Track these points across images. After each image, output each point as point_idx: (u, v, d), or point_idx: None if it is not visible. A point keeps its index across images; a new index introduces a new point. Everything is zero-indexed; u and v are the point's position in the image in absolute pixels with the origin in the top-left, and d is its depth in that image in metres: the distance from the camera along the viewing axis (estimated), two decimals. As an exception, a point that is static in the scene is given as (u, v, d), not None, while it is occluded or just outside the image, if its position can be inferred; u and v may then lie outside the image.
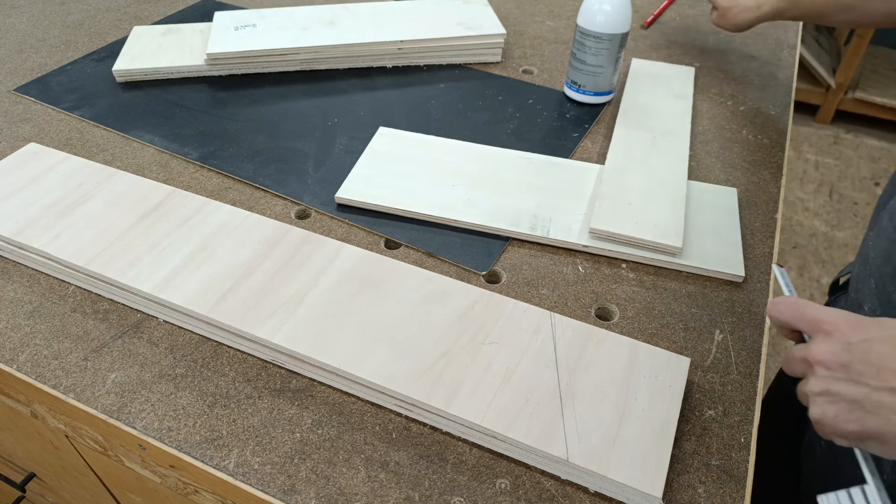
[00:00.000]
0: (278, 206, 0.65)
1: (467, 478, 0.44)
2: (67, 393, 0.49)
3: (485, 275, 0.58)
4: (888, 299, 0.46)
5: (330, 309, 0.52)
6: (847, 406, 0.36)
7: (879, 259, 0.48)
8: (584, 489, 0.44)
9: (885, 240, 0.48)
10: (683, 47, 0.94)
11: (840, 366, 0.37)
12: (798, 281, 1.82)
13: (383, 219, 0.64)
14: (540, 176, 0.67)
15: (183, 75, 0.85)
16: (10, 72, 0.85)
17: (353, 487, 0.43)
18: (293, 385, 0.50)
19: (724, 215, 0.64)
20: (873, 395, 0.36)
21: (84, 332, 0.53)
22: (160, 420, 0.47)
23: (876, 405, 0.35)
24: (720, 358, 0.52)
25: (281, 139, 0.74)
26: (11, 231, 0.58)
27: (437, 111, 0.80)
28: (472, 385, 0.46)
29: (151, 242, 0.57)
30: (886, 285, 0.46)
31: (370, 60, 0.87)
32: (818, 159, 2.25)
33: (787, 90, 0.85)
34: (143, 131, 0.75)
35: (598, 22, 0.73)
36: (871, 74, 2.37)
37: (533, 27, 0.99)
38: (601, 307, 0.56)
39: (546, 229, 0.61)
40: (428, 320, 0.51)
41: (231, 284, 0.53)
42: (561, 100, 0.82)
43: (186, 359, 0.51)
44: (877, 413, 0.35)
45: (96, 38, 0.93)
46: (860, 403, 0.36)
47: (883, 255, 0.48)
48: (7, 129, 0.75)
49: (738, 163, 0.72)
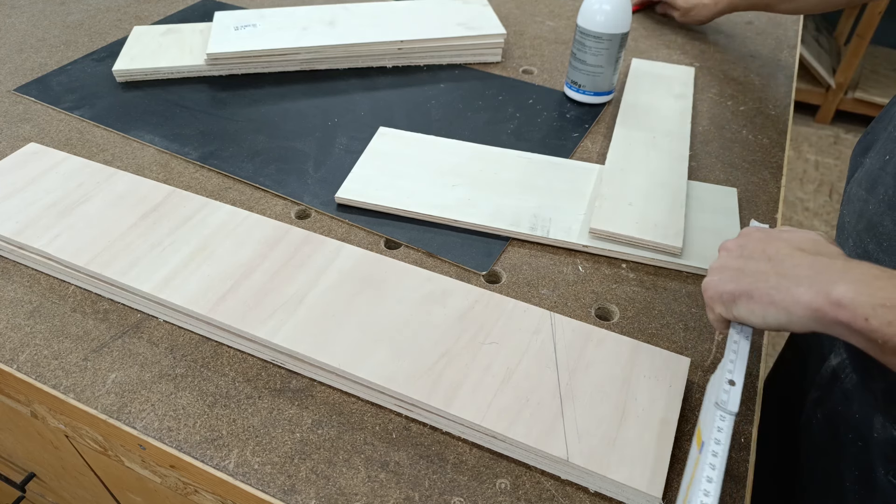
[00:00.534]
0: (278, 206, 0.65)
1: (467, 478, 0.44)
2: (67, 393, 0.49)
3: (485, 275, 0.58)
4: (865, 250, 0.49)
5: (330, 309, 0.52)
6: (731, 273, 0.43)
7: (853, 219, 0.52)
8: (584, 489, 0.44)
9: (858, 202, 0.52)
10: (683, 47, 0.94)
11: (738, 247, 0.44)
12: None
13: (383, 219, 0.64)
14: (540, 176, 0.67)
15: (183, 75, 0.85)
16: (10, 72, 0.85)
17: (353, 487, 0.43)
18: (293, 385, 0.50)
19: (724, 215, 0.64)
20: (751, 264, 0.42)
21: (84, 332, 0.53)
22: (160, 420, 0.47)
23: (753, 270, 0.41)
24: (720, 358, 0.52)
25: (281, 139, 0.74)
26: (11, 231, 0.58)
27: (437, 111, 0.80)
28: (473, 385, 0.46)
29: (151, 242, 0.57)
30: (863, 239, 0.50)
31: (370, 60, 0.87)
32: (818, 159, 2.25)
33: (787, 90, 0.85)
34: (143, 131, 0.75)
35: (598, 22, 0.73)
36: (871, 74, 2.37)
37: (533, 27, 0.99)
38: (601, 307, 0.56)
39: (546, 229, 0.61)
40: (428, 320, 0.51)
41: (231, 284, 0.53)
42: (561, 100, 0.82)
43: (186, 359, 0.51)
44: (752, 275, 0.41)
45: (96, 38, 0.93)
46: (742, 270, 0.42)
47: (856, 215, 0.51)
48: (7, 129, 0.75)
49: (738, 163, 0.72)
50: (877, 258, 0.48)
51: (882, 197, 0.48)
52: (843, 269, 0.37)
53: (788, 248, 0.41)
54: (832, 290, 0.36)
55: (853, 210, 0.52)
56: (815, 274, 0.38)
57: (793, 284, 0.38)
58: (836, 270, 0.37)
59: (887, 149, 0.50)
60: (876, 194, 0.49)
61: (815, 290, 0.37)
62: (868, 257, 0.49)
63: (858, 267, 0.37)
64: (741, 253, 0.43)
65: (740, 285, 0.41)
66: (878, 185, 0.49)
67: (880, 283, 0.35)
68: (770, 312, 0.39)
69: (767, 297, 0.39)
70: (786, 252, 0.41)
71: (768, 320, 0.39)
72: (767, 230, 0.45)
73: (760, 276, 0.40)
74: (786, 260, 0.40)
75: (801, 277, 0.38)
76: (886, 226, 0.47)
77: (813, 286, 0.37)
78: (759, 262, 0.41)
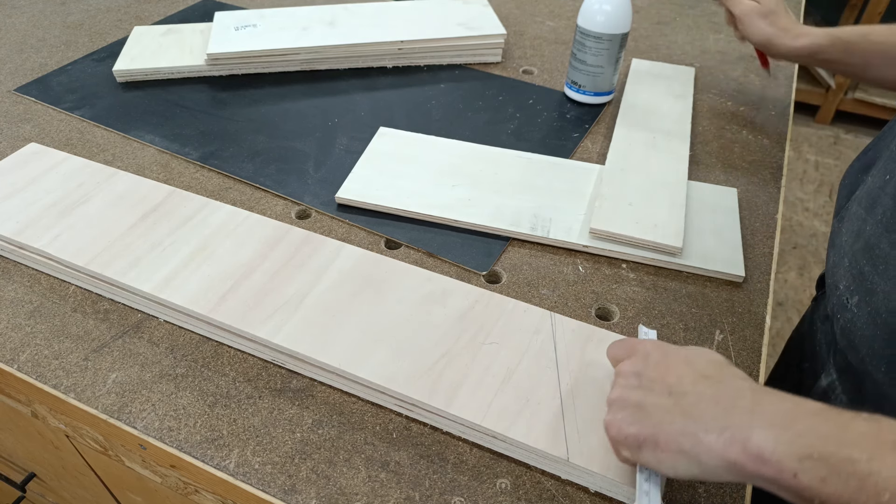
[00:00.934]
0: (279, 207, 0.65)
1: (468, 478, 0.44)
2: (68, 393, 0.49)
3: (485, 275, 0.59)
4: (860, 272, 0.48)
5: (330, 309, 0.52)
6: (633, 410, 0.38)
7: (851, 238, 0.50)
8: (585, 489, 0.44)
9: (856, 220, 0.50)
10: (683, 47, 0.94)
11: (634, 374, 0.40)
12: (798, 281, 1.82)
13: (383, 219, 0.64)
14: (540, 176, 0.67)
15: (183, 75, 0.85)
16: (10, 72, 0.85)
17: (353, 487, 0.43)
18: (294, 385, 0.50)
19: (724, 215, 0.64)
20: (652, 398, 0.38)
21: (84, 331, 0.53)
22: (161, 420, 0.47)
23: (655, 407, 0.37)
24: (720, 358, 0.52)
25: (281, 139, 0.74)
26: (12, 231, 0.58)
27: (437, 111, 0.80)
28: (473, 385, 0.46)
29: (152, 242, 0.57)
30: (858, 260, 0.48)
31: (370, 60, 0.87)
32: (818, 159, 2.25)
33: (787, 90, 0.85)
34: (143, 131, 0.75)
35: (599, 22, 0.73)
36: (871, 74, 2.37)
37: (533, 27, 0.99)
38: (601, 307, 0.56)
39: (546, 229, 0.61)
40: (428, 320, 0.51)
41: (231, 284, 0.53)
42: (561, 100, 0.82)
43: (187, 359, 0.51)
44: (654, 415, 0.37)
45: (97, 38, 0.93)
46: (643, 407, 0.38)
47: (854, 234, 0.50)
48: (7, 129, 0.75)
49: (738, 163, 0.72)
50: (871, 281, 0.47)
51: (880, 218, 0.47)
52: (753, 408, 0.34)
53: (691, 375, 0.37)
54: (749, 440, 0.32)
55: (851, 229, 0.51)
56: (723, 414, 0.34)
57: (701, 430, 0.34)
58: (745, 409, 0.34)
59: (888, 168, 0.48)
60: (874, 214, 0.48)
61: (728, 437, 0.33)
62: (863, 279, 0.48)
63: (769, 401, 0.34)
64: (639, 382, 0.39)
65: (644, 428, 0.37)
66: (877, 206, 0.48)
67: (799, 424, 0.32)
68: (680, 463, 0.35)
69: (675, 444, 0.35)
70: (688, 382, 0.37)
71: (679, 471, 0.35)
72: (664, 348, 0.41)
73: (664, 415, 0.36)
74: (689, 394, 0.36)
75: (709, 420, 0.34)
76: (883, 248, 0.46)
77: (725, 432, 0.33)
78: (660, 397, 0.37)
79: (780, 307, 1.75)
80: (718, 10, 1.05)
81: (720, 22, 1.01)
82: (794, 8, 1.06)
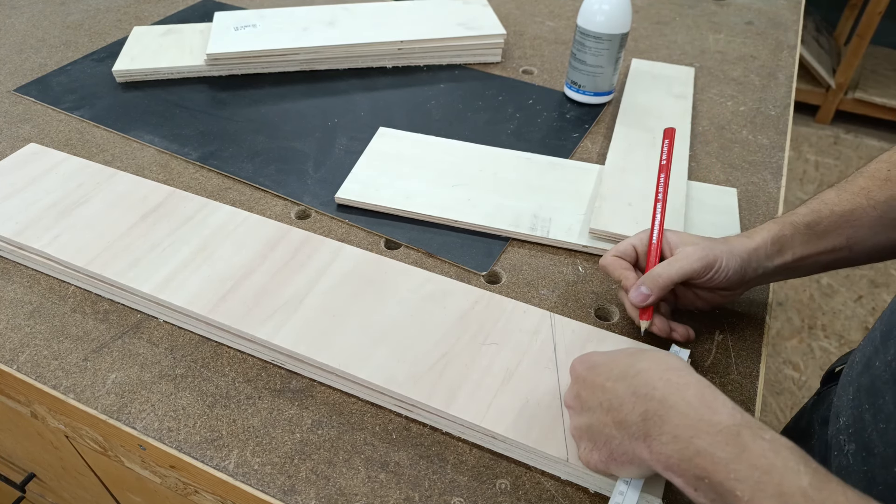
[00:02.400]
0: (278, 207, 0.65)
1: (467, 478, 0.44)
2: (67, 393, 0.49)
3: (485, 275, 0.58)
4: (861, 417, 0.42)
5: (330, 309, 0.52)
6: (587, 436, 0.39)
7: (860, 366, 0.44)
8: (584, 489, 0.44)
9: (869, 346, 0.44)
10: (683, 47, 0.94)
11: (574, 399, 0.40)
12: (798, 280, 1.82)
13: (383, 219, 0.64)
14: (540, 176, 0.67)
15: (183, 76, 0.85)
16: (10, 72, 0.85)
17: (353, 488, 0.43)
18: (293, 385, 0.50)
19: (724, 216, 0.64)
20: (594, 418, 0.38)
21: (84, 332, 0.53)
22: (160, 420, 0.47)
23: (599, 426, 0.38)
24: (720, 358, 0.52)
25: (281, 139, 0.74)
26: (11, 231, 0.58)
27: (437, 111, 0.80)
28: (473, 386, 0.46)
29: (151, 243, 0.57)
30: (862, 400, 0.42)
31: (370, 61, 0.87)
32: (818, 159, 2.25)
33: (787, 90, 0.85)
34: (143, 132, 0.75)
35: (598, 22, 0.73)
36: (871, 74, 2.37)
37: (533, 27, 0.99)
38: (601, 307, 0.56)
39: (546, 229, 0.61)
40: (428, 321, 0.51)
41: (231, 285, 0.53)
42: (561, 100, 0.82)
43: (186, 359, 0.51)
44: (600, 434, 0.38)
45: (96, 38, 0.93)
46: (591, 429, 0.38)
47: (863, 363, 0.44)
48: (7, 130, 0.75)
49: (738, 163, 0.72)
50: (871, 437, 0.40)
51: (891, 359, 0.40)
52: (664, 413, 0.34)
53: (613, 385, 0.38)
54: (661, 452, 0.34)
55: (864, 353, 0.44)
56: (640, 420, 0.35)
57: (631, 437, 0.36)
58: (656, 415, 0.34)
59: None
60: (887, 350, 0.41)
61: (647, 446, 0.35)
62: (863, 429, 0.41)
63: (680, 405, 0.34)
64: (581, 406, 0.40)
65: (601, 450, 0.38)
66: (890, 340, 0.41)
67: (701, 440, 0.32)
68: (636, 471, 0.37)
69: (623, 456, 0.37)
70: (612, 393, 0.38)
71: (642, 476, 0.38)
72: (590, 361, 0.41)
73: (607, 430, 0.37)
74: (617, 402, 0.37)
75: (633, 426, 0.35)
76: (888, 402, 0.39)
77: (646, 440, 0.35)
78: (599, 414, 0.38)
79: (780, 307, 1.75)
80: (718, 9, 1.05)
81: (720, 22, 1.01)
82: (795, 8, 1.06)
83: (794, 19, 1.03)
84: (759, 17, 1.04)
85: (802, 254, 0.48)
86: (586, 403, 0.39)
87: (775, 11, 1.05)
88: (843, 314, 1.73)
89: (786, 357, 1.63)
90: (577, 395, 0.40)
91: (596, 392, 0.38)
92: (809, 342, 1.66)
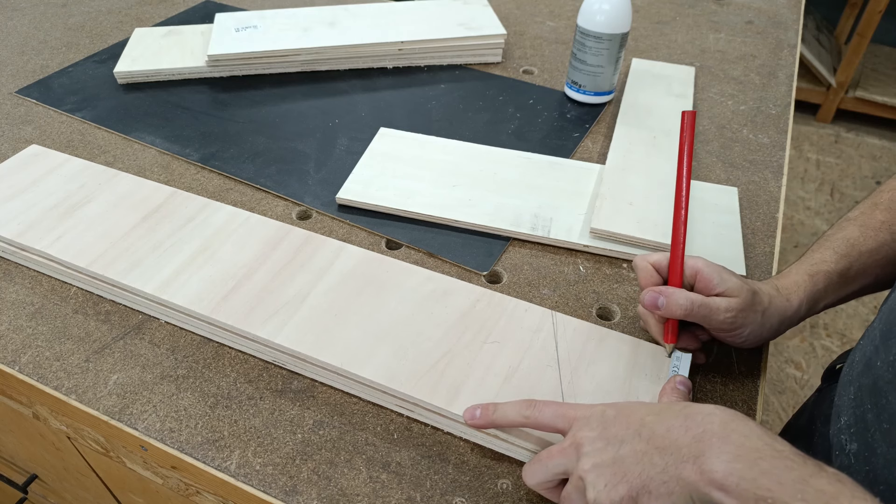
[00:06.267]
0: (279, 207, 0.65)
1: (469, 478, 0.44)
2: (69, 394, 0.49)
3: (486, 275, 0.58)
4: (863, 417, 0.41)
5: (331, 309, 0.52)
6: (611, 469, 0.36)
7: (860, 366, 0.43)
8: (586, 489, 0.43)
9: (869, 344, 0.43)
10: (683, 47, 0.94)
11: (599, 436, 0.37)
12: (799, 280, 1.81)
13: (384, 219, 0.64)
14: (540, 176, 0.67)
15: (184, 77, 0.85)
16: (11, 74, 0.85)
17: (354, 488, 0.43)
18: (295, 386, 0.50)
19: (725, 215, 0.64)
20: (626, 447, 0.36)
21: (86, 333, 0.53)
22: (162, 421, 0.47)
23: (631, 454, 0.36)
24: (722, 357, 0.52)
25: (282, 140, 0.75)
26: (13, 233, 0.58)
27: (437, 112, 0.80)
28: (474, 384, 0.46)
29: (153, 243, 0.57)
30: (864, 399, 0.42)
31: (371, 61, 0.88)
32: (819, 158, 2.25)
33: (788, 89, 0.85)
34: (144, 133, 0.75)
35: (598, 22, 0.73)
36: (872, 73, 2.37)
37: (533, 27, 0.99)
38: (602, 307, 0.56)
39: (547, 229, 0.61)
40: (429, 320, 0.51)
41: (233, 285, 0.53)
42: (561, 100, 0.82)
43: (188, 360, 0.52)
44: (634, 463, 0.35)
45: (98, 39, 0.93)
46: (621, 460, 0.36)
47: (864, 362, 0.43)
48: (9, 131, 0.75)
49: (739, 162, 0.72)
50: (873, 436, 0.40)
51: (893, 359, 0.39)
52: (724, 435, 0.33)
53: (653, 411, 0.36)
54: (714, 471, 0.32)
55: (864, 352, 0.43)
56: (694, 441, 0.33)
57: (678, 461, 0.34)
58: (715, 436, 0.33)
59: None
60: (888, 349, 0.40)
61: (698, 468, 0.32)
62: (865, 429, 0.41)
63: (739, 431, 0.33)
64: (606, 441, 0.37)
65: (632, 481, 0.35)
66: (891, 338, 0.40)
67: (764, 463, 0.31)
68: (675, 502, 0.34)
69: (662, 486, 0.34)
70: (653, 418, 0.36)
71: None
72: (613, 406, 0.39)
73: (644, 458, 0.35)
74: (658, 427, 0.35)
75: (683, 448, 0.34)
76: (891, 401, 0.39)
77: (697, 461, 0.33)
78: (633, 443, 0.36)
79: (782, 306, 1.74)
80: (718, 9, 1.05)
81: (720, 21, 1.01)
82: (795, 7, 1.06)
83: (794, 18, 1.03)
84: (759, 17, 1.04)
85: (833, 301, 0.49)
86: (616, 437, 0.37)
87: (775, 10, 1.05)
88: (844, 313, 1.73)
89: (788, 356, 1.63)
90: (599, 435, 0.38)
91: (632, 424, 0.37)
92: (811, 341, 1.66)
